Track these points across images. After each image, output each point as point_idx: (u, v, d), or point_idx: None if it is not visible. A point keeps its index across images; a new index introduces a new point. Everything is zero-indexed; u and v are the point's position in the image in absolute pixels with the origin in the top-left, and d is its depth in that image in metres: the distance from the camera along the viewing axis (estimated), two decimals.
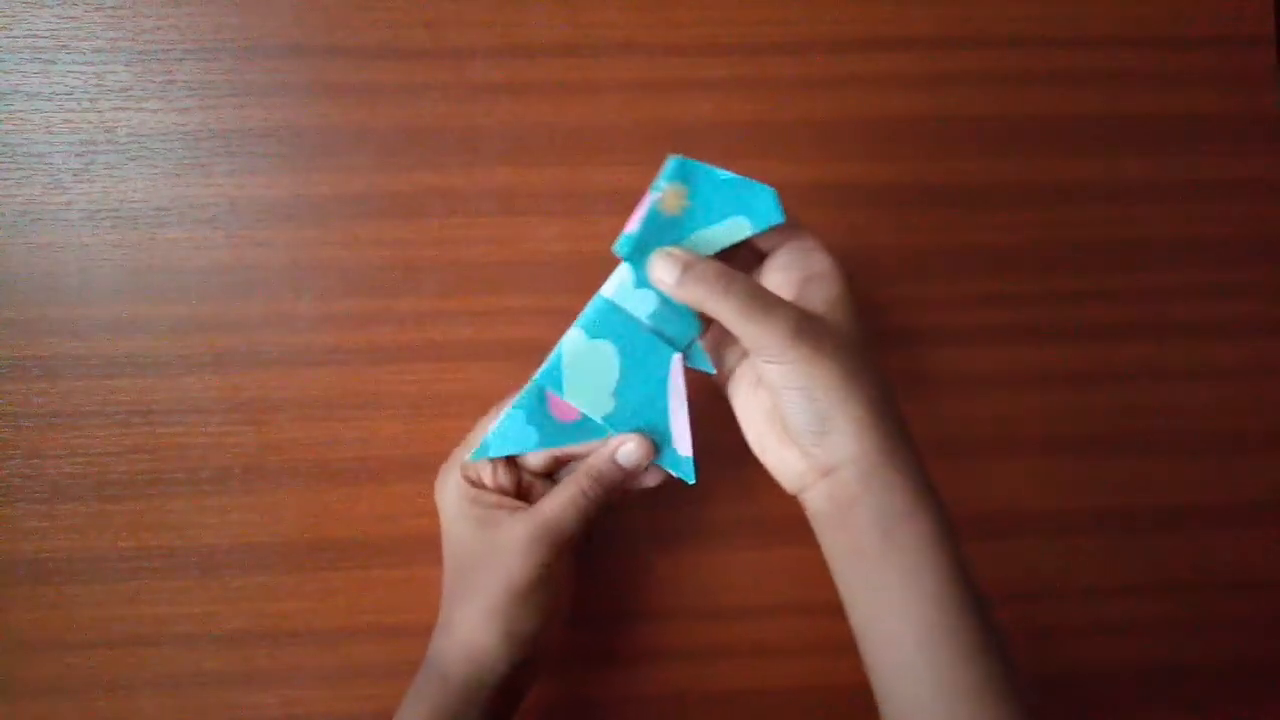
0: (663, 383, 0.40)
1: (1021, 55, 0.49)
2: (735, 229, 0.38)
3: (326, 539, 0.46)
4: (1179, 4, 0.50)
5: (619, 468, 0.40)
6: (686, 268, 0.36)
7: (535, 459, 0.41)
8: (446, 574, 0.41)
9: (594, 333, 0.39)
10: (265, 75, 0.46)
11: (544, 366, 0.40)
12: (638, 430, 0.40)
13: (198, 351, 0.46)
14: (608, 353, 0.39)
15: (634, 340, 0.39)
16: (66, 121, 0.46)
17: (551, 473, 0.42)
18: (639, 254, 0.38)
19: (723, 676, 0.47)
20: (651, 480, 0.41)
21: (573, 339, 0.39)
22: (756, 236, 0.38)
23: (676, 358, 0.39)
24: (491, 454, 0.40)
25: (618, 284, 0.39)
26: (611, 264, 0.47)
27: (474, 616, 0.38)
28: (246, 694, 0.45)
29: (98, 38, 0.46)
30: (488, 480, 0.40)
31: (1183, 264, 0.49)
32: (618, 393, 0.40)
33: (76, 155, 0.46)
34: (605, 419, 0.40)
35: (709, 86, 0.48)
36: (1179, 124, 0.50)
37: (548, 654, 0.41)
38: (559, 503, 0.39)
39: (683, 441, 0.40)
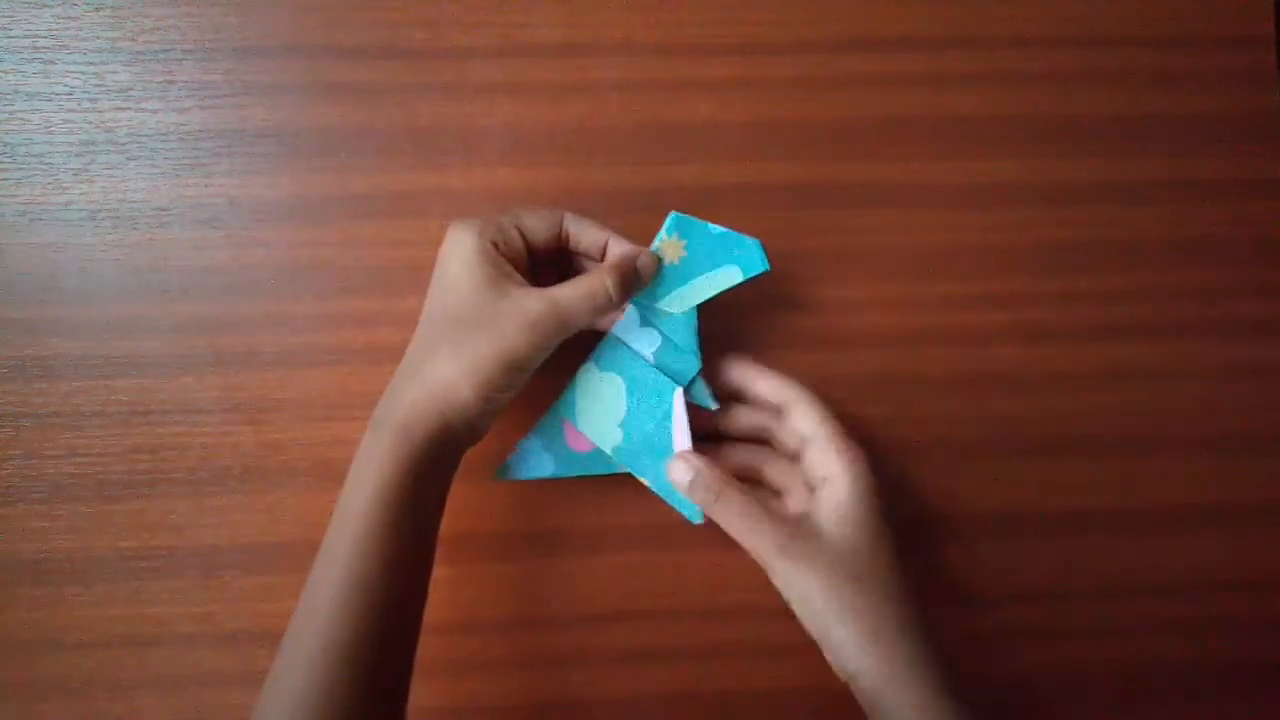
0: (667, 416, 0.43)
1: (1021, 55, 0.49)
2: (728, 276, 0.42)
3: None
4: (1179, 4, 0.50)
5: (637, 273, 0.40)
6: (696, 474, 0.41)
7: (541, 241, 0.41)
8: (427, 323, 0.40)
9: (604, 365, 0.43)
10: (265, 75, 0.46)
11: (561, 397, 0.44)
12: (645, 464, 0.43)
13: (198, 351, 0.46)
14: (616, 385, 0.43)
15: (639, 374, 0.43)
16: (66, 121, 0.46)
17: (549, 255, 0.42)
18: (643, 296, 0.43)
19: (723, 676, 0.47)
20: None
21: (585, 371, 0.44)
22: (791, 426, 0.42)
23: (678, 391, 0.42)
24: (510, 477, 0.44)
25: (625, 323, 0.43)
26: None
27: (455, 370, 0.38)
28: (246, 694, 0.45)
29: (98, 38, 0.46)
30: (508, 251, 0.40)
31: (1181, 264, 0.49)
32: (625, 424, 0.43)
33: (76, 155, 0.46)
34: (614, 450, 0.43)
35: (709, 87, 0.48)
36: (1178, 124, 0.50)
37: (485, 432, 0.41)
38: (577, 292, 0.39)
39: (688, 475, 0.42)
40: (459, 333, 0.38)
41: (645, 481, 0.43)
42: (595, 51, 0.47)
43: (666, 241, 0.42)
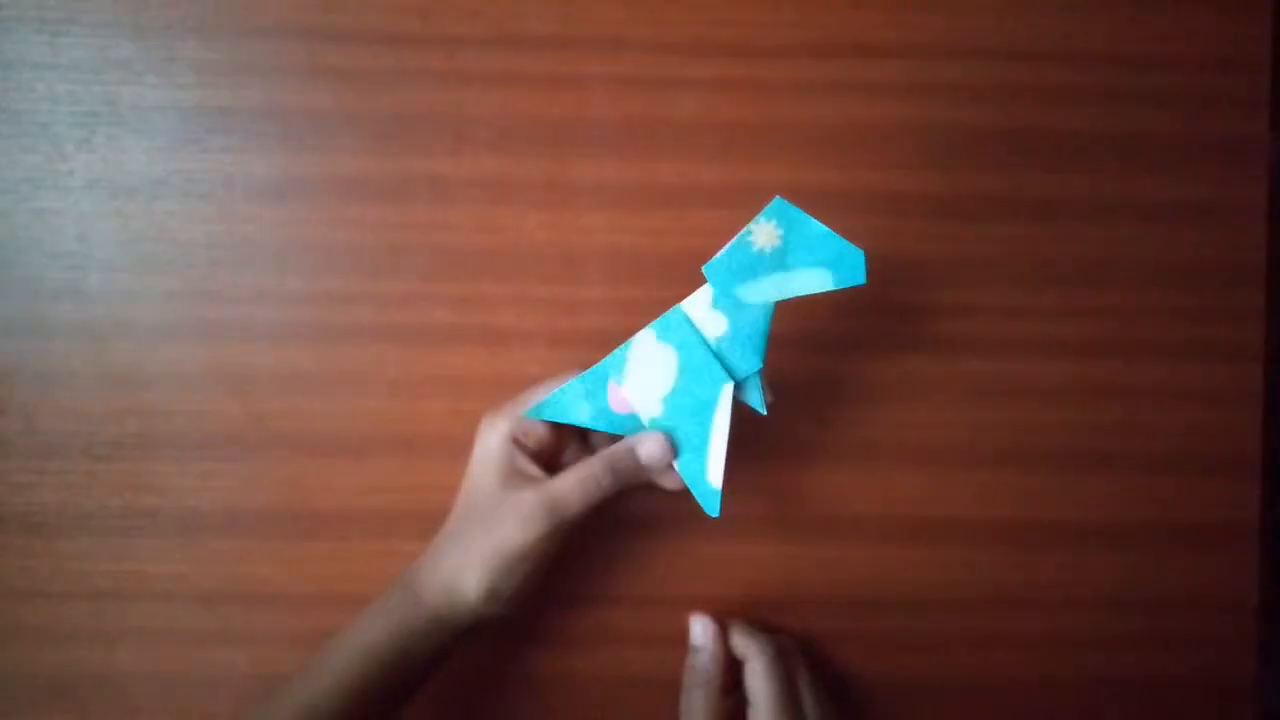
0: (710, 405, 0.41)
1: (1011, 68, 0.49)
2: (819, 279, 0.40)
3: (304, 509, 0.48)
4: (1174, 24, 0.49)
5: (636, 462, 0.41)
6: (703, 649, 0.46)
7: (571, 435, 0.44)
8: (457, 506, 0.43)
9: (663, 336, 0.42)
10: (263, 56, 0.47)
11: (613, 353, 0.42)
12: (677, 447, 0.42)
13: (187, 321, 0.47)
14: (670, 359, 0.41)
15: (696, 355, 0.41)
16: (70, 93, 0.47)
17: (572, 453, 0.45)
18: (723, 277, 0.40)
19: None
20: (671, 484, 0.43)
21: (643, 336, 0.42)
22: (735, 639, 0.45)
23: (729, 385, 0.41)
24: (545, 416, 0.43)
25: (697, 300, 0.41)
26: (592, 259, 0.48)
27: (464, 561, 0.40)
28: (220, 652, 0.47)
29: (104, 12, 0.47)
30: (531, 441, 0.42)
31: (1159, 285, 0.49)
32: (668, 399, 0.42)
33: (79, 126, 0.47)
34: (651, 423, 0.42)
35: (696, 86, 0.49)
36: (1166, 145, 0.49)
37: (516, 611, 0.42)
38: (570, 483, 0.41)
39: (715, 472, 0.41)
40: (473, 525, 0.41)
41: (673, 464, 0.42)
42: (586, 46, 0.48)
43: (763, 226, 0.39)
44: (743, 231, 0.39)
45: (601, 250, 0.48)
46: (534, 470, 0.42)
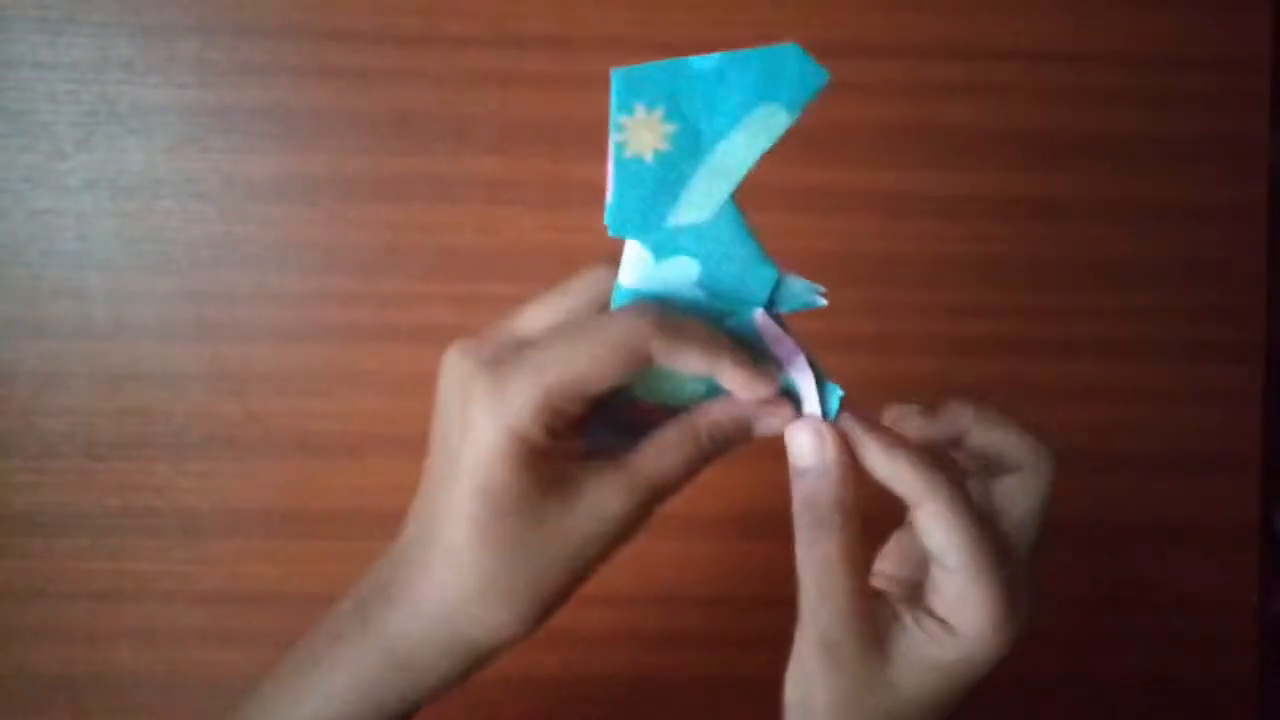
0: (758, 346, 0.30)
1: (1011, 68, 0.49)
2: (761, 124, 0.26)
3: (303, 509, 0.48)
4: (1174, 24, 0.49)
5: (749, 435, 0.29)
6: (824, 444, 0.29)
7: (609, 387, 0.26)
8: (441, 512, 0.27)
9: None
10: (262, 56, 0.47)
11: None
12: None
13: (186, 321, 0.47)
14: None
15: (698, 311, 0.29)
16: (70, 92, 0.47)
17: None
18: (636, 222, 0.28)
19: (716, 663, 0.48)
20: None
21: None
22: (920, 528, 0.28)
23: (759, 314, 0.29)
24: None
25: (633, 267, 0.29)
26: (592, 260, 0.48)
27: (493, 602, 0.26)
28: (218, 652, 0.47)
29: (104, 12, 0.47)
30: (561, 426, 0.26)
31: (1157, 285, 0.49)
32: (710, 386, 0.30)
33: (78, 125, 0.47)
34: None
35: None
36: (1167, 145, 0.49)
37: None
38: (669, 462, 0.27)
39: (810, 399, 0.30)
40: (497, 554, 0.26)
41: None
42: (585, 46, 0.48)
43: (635, 120, 0.26)
44: (613, 146, 0.27)
45: (601, 251, 0.48)
46: (577, 446, 0.27)
